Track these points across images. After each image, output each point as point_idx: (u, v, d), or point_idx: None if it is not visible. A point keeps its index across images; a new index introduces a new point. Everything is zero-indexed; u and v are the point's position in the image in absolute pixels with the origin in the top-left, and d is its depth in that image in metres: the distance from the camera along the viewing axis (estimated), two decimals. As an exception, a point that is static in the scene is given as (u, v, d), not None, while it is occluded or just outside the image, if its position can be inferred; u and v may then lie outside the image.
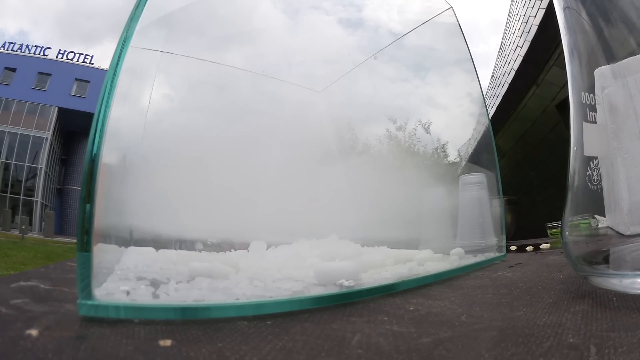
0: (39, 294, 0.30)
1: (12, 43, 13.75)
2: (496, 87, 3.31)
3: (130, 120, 0.40)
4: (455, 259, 0.51)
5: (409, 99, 0.73)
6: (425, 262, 0.46)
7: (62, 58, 14.04)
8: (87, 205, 0.24)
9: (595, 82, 0.32)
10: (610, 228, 0.30)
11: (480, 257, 0.55)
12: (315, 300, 0.29)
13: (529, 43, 2.49)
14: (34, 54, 13.67)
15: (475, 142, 0.70)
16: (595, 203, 0.31)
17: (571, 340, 0.20)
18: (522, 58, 2.63)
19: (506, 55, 3.14)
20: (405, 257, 0.47)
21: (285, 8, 0.65)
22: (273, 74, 0.61)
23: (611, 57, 0.31)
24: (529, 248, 0.74)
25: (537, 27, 2.35)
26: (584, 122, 0.32)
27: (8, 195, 12.42)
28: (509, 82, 2.88)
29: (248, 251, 0.44)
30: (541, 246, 0.74)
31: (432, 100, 0.73)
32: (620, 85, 0.31)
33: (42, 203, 12.92)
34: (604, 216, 0.31)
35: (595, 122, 0.32)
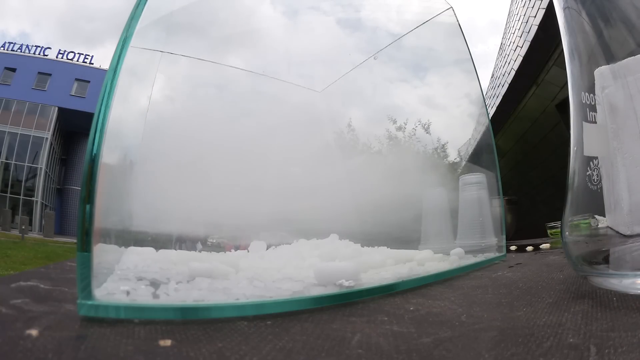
0: (39, 294, 0.30)
1: (12, 43, 13.75)
2: (496, 87, 3.31)
3: (130, 120, 0.40)
4: (455, 259, 0.51)
5: (409, 99, 0.73)
6: (425, 262, 0.46)
7: (62, 58, 14.04)
8: (87, 206, 0.24)
9: (595, 82, 0.32)
10: (611, 228, 0.30)
11: (480, 257, 0.55)
12: (315, 300, 0.29)
13: (529, 43, 2.49)
14: (34, 54, 13.66)
15: (475, 142, 0.70)
16: (595, 203, 0.31)
17: (571, 340, 0.20)
18: (522, 58, 2.63)
19: (506, 55, 3.14)
20: (405, 257, 0.47)
21: (284, 9, 0.65)
22: (273, 74, 0.61)
23: (611, 57, 0.31)
24: (529, 248, 0.74)
25: (537, 27, 2.35)
26: (584, 122, 0.32)
27: (8, 195, 12.42)
28: (509, 82, 2.89)
29: (248, 251, 0.45)
30: (541, 246, 0.74)
31: (432, 100, 0.73)
32: (620, 85, 0.31)
33: (42, 203, 12.92)
34: (604, 216, 0.31)
35: (595, 122, 0.32)
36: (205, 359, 0.18)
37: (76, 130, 13.58)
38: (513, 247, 0.77)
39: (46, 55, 13.83)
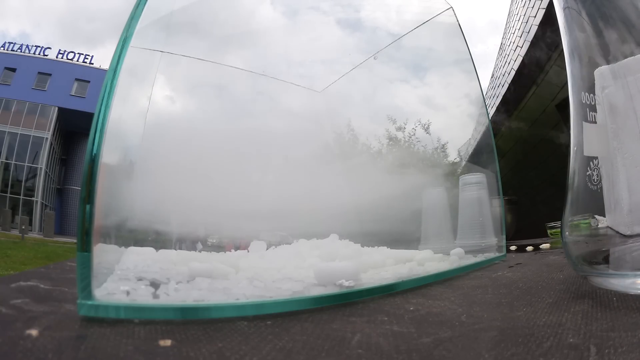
0: (39, 294, 0.30)
1: (12, 43, 13.74)
2: (496, 87, 3.31)
3: (130, 121, 0.40)
4: (455, 259, 0.51)
5: (409, 99, 0.73)
6: (425, 262, 0.46)
7: (62, 58, 14.02)
8: (87, 206, 0.24)
9: (595, 82, 0.32)
10: (611, 228, 0.30)
11: (480, 257, 0.55)
12: (315, 300, 0.29)
13: (529, 43, 2.49)
14: (34, 54, 13.65)
15: (475, 142, 0.70)
16: (595, 203, 0.31)
17: (571, 340, 0.20)
18: (522, 58, 2.63)
19: (506, 55, 3.14)
20: (405, 257, 0.47)
21: (284, 9, 0.65)
22: (273, 74, 0.61)
23: (611, 57, 0.31)
24: (529, 248, 0.74)
25: (537, 27, 2.35)
26: (584, 122, 0.32)
27: (8, 195, 12.41)
28: (509, 82, 2.88)
29: (248, 251, 0.45)
30: (541, 246, 0.74)
31: (432, 100, 0.73)
32: (620, 85, 0.31)
33: (42, 203, 12.91)
34: (604, 216, 0.31)
35: (595, 122, 0.32)
36: (205, 359, 0.18)
37: (76, 130, 13.57)
38: (513, 247, 0.77)
39: (46, 55, 13.82)
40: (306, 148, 0.61)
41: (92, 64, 14.13)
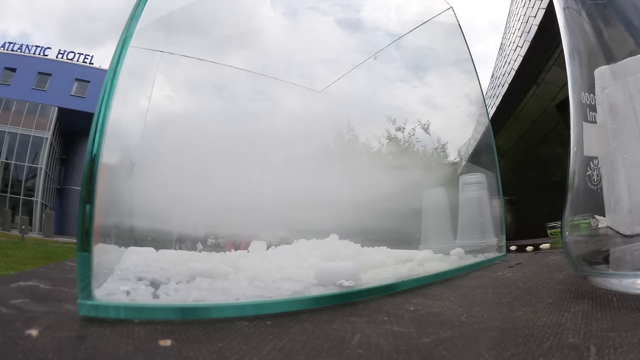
0: (39, 294, 0.30)
1: (12, 43, 13.74)
2: (496, 87, 3.31)
3: (130, 121, 0.40)
4: (455, 259, 0.51)
5: (409, 99, 0.73)
6: (425, 262, 0.46)
7: (62, 58, 14.03)
8: (87, 206, 0.24)
9: (595, 82, 0.32)
10: (611, 228, 0.30)
11: (480, 257, 0.55)
12: (315, 300, 0.29)
13: (529, 43, 2.49)
14: (34, 54, 13.65)
15: (475, 142, 0.70)
16: (595, 203, 0.31)
17: (571, 340, 0.20)
18: (522, 58, 2.63)
19: (506, 55, 3.14)
20: (405, 257, 0.47)
21: (284, 9, 0.65)
22: (273, 74, 0.61)
23: (611, 57, 0.31)
24: (529, 248, 0.74)
25: (537, 27, 2.35)
26: (584, 122, 0.32)
27: (8, 195, 12.41)
28: (509, 82, 2.88)
29: (248, 251, 0.45)
30: (541, 246, 0.74)
31: (432, 100, 0.73)
32: (620, 85, 0.31)
33: (42, 203, 12.91)
34: (604, 216, 0.31)
35: (595, 122, 0.32)
36: (205, 359, 0.18)
37: (76, 130, 13.57)
38: (513, 247, 0.77)
39: (46, 55, 13.82)
40: (306, 148, 0.61)
41: (92, 64, 14.14)
